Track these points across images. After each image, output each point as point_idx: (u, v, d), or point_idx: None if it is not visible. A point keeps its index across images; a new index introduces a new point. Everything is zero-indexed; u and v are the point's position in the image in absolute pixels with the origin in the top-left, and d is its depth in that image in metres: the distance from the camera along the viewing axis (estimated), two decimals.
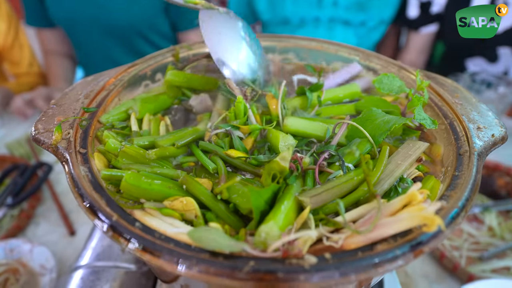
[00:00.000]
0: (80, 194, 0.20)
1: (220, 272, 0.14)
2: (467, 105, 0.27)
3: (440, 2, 0.87)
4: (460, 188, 0.19)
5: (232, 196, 0.20)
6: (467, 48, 0.89)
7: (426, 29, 0.91)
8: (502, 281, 0.34)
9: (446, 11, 0.88)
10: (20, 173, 0.55)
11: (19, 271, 0.42)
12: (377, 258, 0.15)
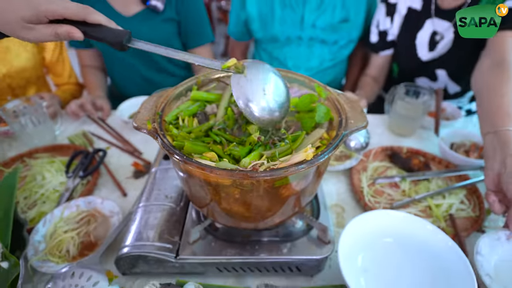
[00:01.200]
0: (167, 150, 0.42)
1: (226, 174, 0.38)
2: (352, 110, 0.50)
3: (394, 32, 1.10)
4: (328, 147, 0.42)
5: (232, 151, 0.43)
6: (413, 70, 1.13)
7: (383, 53, 1.15)
8: (389, 211, 0.57)
9: (398, 41, 1.11)
10: (84, 156, 0.78)
11: (95, 215, 0.66)
12: (287, 169, 0.38)
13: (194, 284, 0.50)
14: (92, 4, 0.47)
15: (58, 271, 0.51)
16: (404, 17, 1.06)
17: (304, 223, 0.57)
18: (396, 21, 1.08)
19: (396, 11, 1.07)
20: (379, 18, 1.10)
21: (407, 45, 1.08)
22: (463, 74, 1.01)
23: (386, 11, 1.08)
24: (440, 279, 0.49)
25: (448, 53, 1.01)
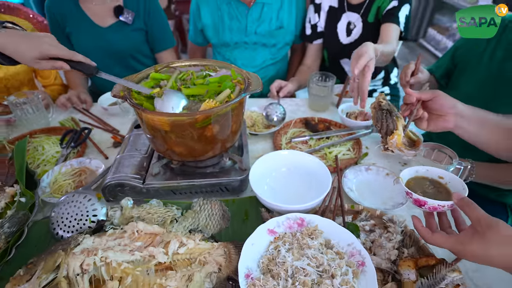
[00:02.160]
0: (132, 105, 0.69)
1: (166, 115, 0.65)
2: (255, 81, 0.78)
3: (321, 25, 1.43)
4: (231, 101, 0.70)
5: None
6: (337, 53, 1.45)
7: (316, 41, 1.47)
8: (283, 151, 0.85)
9: (324, 31, 1.44)
10: (74, 133, 1.03)
11: (85, 170, 0.90)
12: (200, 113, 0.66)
13: (156, 200, 0.76)
14: (76, 19, 0.74)
15: (62, 198, 0.75)
16: (326, 13, 1.40)
17: (232, 162, 0.84)
18: (322, 16, 1.41)
19: (321, 9, 1.40)
20: (310, 15, 1.43)
21: (331, 34, 1.41)
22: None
23: (314, 10, 1.41)
24: (314, 184, 0.77)
25: (360, 37, 1.35)
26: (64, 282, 0.57)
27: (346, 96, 1.22)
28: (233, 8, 1.39)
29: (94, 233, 0.68)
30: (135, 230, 0.68)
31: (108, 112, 1.17)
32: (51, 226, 0.71)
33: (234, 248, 0.66)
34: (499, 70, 0.88)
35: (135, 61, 1.41)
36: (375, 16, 1.31)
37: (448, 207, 0.57)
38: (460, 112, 0.67)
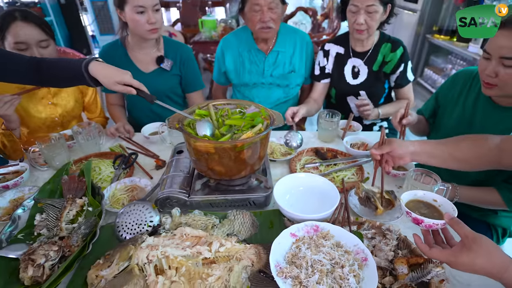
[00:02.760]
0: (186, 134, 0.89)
1: (211, 142, 0.85)
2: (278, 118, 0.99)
3: (329, 67, 1.67)
4: (261, 133, 0.91)
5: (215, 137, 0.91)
6: (345, 92, 1.69)
7: (323, 81, 1.71)
8: (301, 173, 1.04)
9: (332, 73, 1.67)
10: (123, 157, 1.23)
11: (136, 187, 1.10)
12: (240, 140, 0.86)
13: (198, 211, 0.95)
14: (124, 65, 0.99)
15: (124, 207, 0.94)
16: (334, 58, 1.64)
17: (257, 182, 1.04)
18: (330, 60, 1.66)
19: (330, 54, 1.65)
20: (319, 59, 1.68)
21: (339, 76, 1.64)
22: (376, 96, 1.59)
23: (323, 55, 1.66)
24: (325, 200, 0.96)
25: (365, 80, 1.58)
26: (136, 268, 0.75)
27: (350, 130, 1.43)
28: (253, 55, 1.66)
29: (151, 235, 0.86)
30: (184, 233, 0.86)
31: (149, 141, 1.39)
32: (116, 229, 0.89)
33: (263, 249, 0.84)
34: (472, 111, 1.10)
35: (169, 99, 1.66)
36: (380, 66, 1.56)
37: (441, 225, 0.72)
38: (412, 152, 0.91)
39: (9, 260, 0.81)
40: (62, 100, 1.50)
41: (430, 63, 4.14)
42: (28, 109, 1.42)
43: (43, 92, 1.44)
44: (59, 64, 1.01)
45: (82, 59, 0.98)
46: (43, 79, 1.02)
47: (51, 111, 1.48)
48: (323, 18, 4.54)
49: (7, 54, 1.00)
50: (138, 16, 1.36)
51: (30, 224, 0.93)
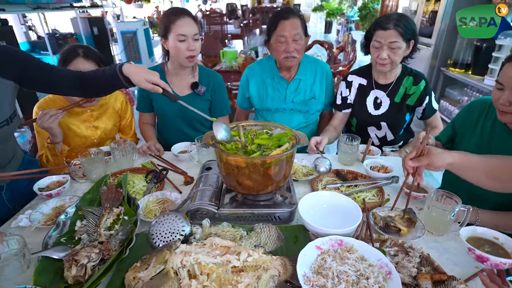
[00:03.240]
0: (219, 150, 0.97)
1: (243, 158, 0.92)
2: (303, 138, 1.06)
3: (351, 98, 1.75)
4: (288, 151, 0.98)
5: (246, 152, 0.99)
6: (366, 122, 1.75)
7: (344, 111, 1.78)
8: (324, 191, 1.09)
9: (354, 103, 1.75)
10: (155, 173, 1.32)
11: (167, 200, 1.17)
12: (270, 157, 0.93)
13: (226, 223, 1.00)
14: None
15: (158, 217, 1.00)
16: (356, 89, 1.72)
17: (282, 198, 1.09)
18: (352, 91, 1.74)
19: (352, 85, 1.73)
20: (342, 89, 1.76)
21: (361, 106, 1.71)
22: (396, 127, 1.64)
23: (346, 85, 1.75)
24: (348, 218, 0.99)
25: (387, 111, 1.64)
26: (171, 271, 0.80)
27: (369, 154, 1.48)
28: (276, 82, 1.77)
29: (183, 243, 0.92)
30: (213, 243, 0.91)
31: (178, 159, 1.48)
32: (150, 237, 0.95)
33: (289, 261, 0.87)
34: (489, 138, 1.14)
35: (198, 123, 1.77)
36: (402, 98, 1.63)
37: (509, 264, 0.70)
38: (450, 163, 0.92)
39: (54, 261, 0.88)
40: (102, 123, 1.64)
41: (446, 94, 4.19)
42: (72, 129, 1.56)
43: (86, 116, 1.59)
44: (97, 74, 1.14)
45: (115, 64, 1.12)
46: (85, 90, 1.16)
47: (92, 133, 1.62)
48: (338, 51, 4.73)
49: (57, 70, 1.13)
50: (179, 44, 1.52)
51: (72, 229, 1.01)
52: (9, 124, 1.11)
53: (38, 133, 1.49)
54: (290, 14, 1.59)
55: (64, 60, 1.42)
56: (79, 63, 1.41)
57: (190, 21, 1.52)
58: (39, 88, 1.13)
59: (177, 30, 1.50)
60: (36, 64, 1.10)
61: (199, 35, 1.57)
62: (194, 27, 1.54)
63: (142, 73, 1.09)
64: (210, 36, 6.42)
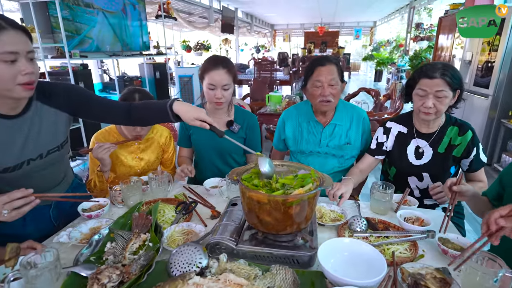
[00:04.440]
0: (243, 186, 1.01)
1: (265, 195, 0.94)
2: (327, 180, 1.05)
3: (387, 145, 1.71)
4: (310, 191, 0.97)
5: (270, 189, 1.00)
6: (406, 172, 1.67)
7: (377, 156, 1.73)
8: (346, 238, 1.03)
9: (392, 151, 1.69)
10: (185, 204, 1.38)
11: (191, 232, 1.21)
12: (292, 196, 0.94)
13: (243, 260, 1.00)
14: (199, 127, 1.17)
15: (179, 247, 1.04)
16: (395, 136, 1.67)
17: (303, 241, 1.06)
18: (390, 138, 1.68)
19: (390, 132, 1.69)
20: (378, 134, 1.72)
21: (401, 154, 1.64)
22: (440, 179, 1.54)
23: (383, 131, 1.70)
24: (371, 269, 0.93)
25: (430, 162, 1.56)
26: None
27: (404, 204, 1.39)
28: (312, 126, 1.80)
29: (198, 275, 0.93)
30: (227, 279, 0.91)
31: (209, 193, 1.54)
32: (169, 265, 0.98)
33: None
34: None
35: (231, 158, 1.85)
36: (446, 149, 1.55)
37: None
38: None
39: (81, 277, 0.94)
40: (147, 155, 1.80)
41: (508, 148, 3.82)
42: (120, 159, 1.73)
43: (134, 148, 1.77)
44: (146, 105, 1.27)
45: (166, 100, 1.22)
46: (132, 119, 1.29)
47: (136, 164, 1.77)
48: (385, 98, 4.66)
49: (106, 101, 1.29)
50: (210, 92, 1.68)
51: (102, 249, 1.08)
52: (60, 150, 1.27)
53: (91, 160, 1.68)
54: (326, 61, 1.66)
55: (125, 99, 1.63)
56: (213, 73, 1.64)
57: (222, 73, 1.64)
58: (90, 118, 1.30)
59: (209, 79, 1.66)
60: (90, 98, 1.27)
61: (231, 85, 1.70)
62: (226, 77, 1.64)
63: (191, 112, 1.19)
64: (259, 82, 6.80)
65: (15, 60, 0.98)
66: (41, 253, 0.93)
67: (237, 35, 13.67)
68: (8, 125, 1.11)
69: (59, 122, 1.24)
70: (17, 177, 1.17)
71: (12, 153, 1.13)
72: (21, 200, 0.98)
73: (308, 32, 18.82)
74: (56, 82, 1.26)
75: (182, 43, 11.03)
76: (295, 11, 14.49)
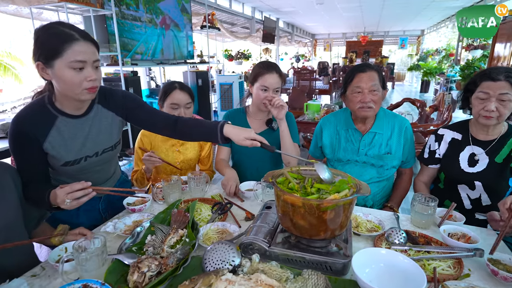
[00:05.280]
0: (279, 189, 1.02)
1: (299, 198, 0.94)
2: (364, 188, 1.03)
3: (440, 153, 1.62)
4: (346, 197, 0.96)
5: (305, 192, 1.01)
6: (457, 179, 1.57)
7: (431, 166, 1.65)
8: (383, 248, 0.99)
9: (444, 158, 1.60)
10: (221, 205, 1.42)
11: (225, 231, 1.24)
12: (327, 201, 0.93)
13: (275, 262, 1.00)
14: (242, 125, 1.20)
15: (213, 244, 1.07)
16: (448, 143, 1.59)
17: (337, 248, 1.04)
18: (443, 145, 1.61)
19: (443, 139, 1.61)
20: (430, 143, 1.65)
21: (452, 161, 1.56)
22: (496, 190, 1.43)
23: (435, 139, 1.64)
24: (408, 284, 0.88)
25: (484, 170, 1.46)
26: None
27: (449, 219, 1.30)
28: (350, 134, 1.76)
29: (230, 272, 0.95)
30: (259, 279, 0.92)
31: (244, 195, 1.57)
32: (203, 261, 1.02)
33: None
34: None
35: (271, 161, 1.90)
36: (505, 159, 1.44)
37: None
38: None
39: (123, 265, 1.01)
40: (186, 150, 1.91)
41: None
42: (161, 153, 1.84)
43: (175, 141, 1.89)
44: (195, 123, 1.33)
45: (217, 122, 1.28)
46: (177, 133, 1.36)
47: (176, 157, 1.88)
48: (432, 109, 4.41)
49: (157, 112, 1.38)
50: (261, 93, 1.78)
51: (142, 241, 1.15)
52: (113, 150, 1.39)
53: (136, 154, 1.86)
54: (367, 67, 1.63)
55: (165, 92, 1.76)
56: (176, 93, 1.75)
57: (275, 76, 1.75)
58: (141, 126, 1.41)
59: (262, 82, 1.76)
60: (140, 105, 1.37)
61: (280, 89, 1.81)
62: (278, 81, 1.76)
63: (241, 134, 1.22)
64: (298, 90, 6.79)
65: (82, 68, 1.10)
66: (90, 239, 1.01)
67: (278, 45, 13.82)
68: (72, 124, 1.24)
69: (114, 125, 1.36)
70: (75, 171, 1.30)
71: (73, 149, 1.26)
72: (81, 191, 1.08)
73: (350, 42, 18.46)
74: (115, 88, 1.38)
75: (224, 52, 11.40)
76: (337, 20, 14.33)
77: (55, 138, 1.21)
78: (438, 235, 1.21)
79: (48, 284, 0.99)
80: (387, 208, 1.63)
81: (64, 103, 1.21)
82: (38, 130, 1.18)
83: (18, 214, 1.16)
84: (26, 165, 1.21)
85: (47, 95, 1.22)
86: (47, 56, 1.08)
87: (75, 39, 1.08)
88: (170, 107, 1.77)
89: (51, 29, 1.10)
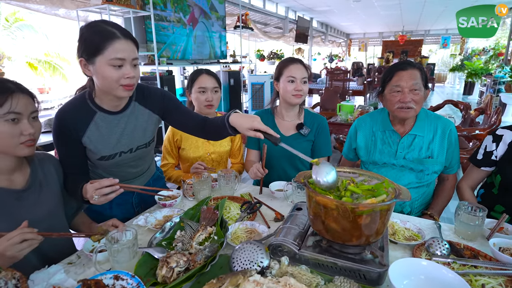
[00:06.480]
0: (311, 190, 0.98)
1: (333, 200, 0.89)
2: (404, 192, 0.96)
3: (497, 154, 1.48)
4: (384, 202, 0.89)
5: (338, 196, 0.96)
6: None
7: (484, 168, 1.52)
8: (423, 259, 0.91)
9: (502, 160, 1.47)
10: (250, 204, 1.40)
11: (254, 230, 1.22)
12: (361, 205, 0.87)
13: (305, 266, 0.96)
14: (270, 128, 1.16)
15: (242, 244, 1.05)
16: (508, 144, 1.45)
17: (372, 256, 0.98)
18: (501, 147, 1.47)
19: (502, 140, 1.48)
20: (487, 143, 1.52)
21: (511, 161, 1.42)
22: None
23: (493, 139, 1.51)
24: None
25: None
26: None
27: (499, 231, 1.18)
28: (387, 136, 1.67)
29: (258, 273, 0.93)
30: (287, 283, 0.88)
31: (274, 195, 1.54)
32: (231, 260, 1.00)
33: None
34: None
35: (300, 163, 1.83)
36: None
37: None
38: None
39: (152, 258, 1.02)
40: (219, 144, 1.93)
41: None
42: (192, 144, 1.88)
43: None
44: (214, 120, 1.32)
45: (226, 113, 1.24)
46: (205, 133, 1.37)
47: (207, 149, 1.90)
48: (477, 113, 4.10)
49: (189, 112, 1.39)
50: (289, 85, 1.76)
51: (172, 236, 1.16)
52: (147, 147, 1.42)
53: (164, 148, 1.92)
54: (408, 65, 1.53)
55: (192, 79, 1.80)
56: (203, 77, 1.79)
57: (301, 67, 1.75)
58: (174, 125, 1.43)
59: (289, 73, 1.74)
60: (177, 106, 1.39)
61: (307, 81, 1.78)
62: (304, 71, 1.75)
63: (244, 124, 1.14)
64: (330, 91, 6.63)
65: (121, 65, 1.13)
66: (122, 231, 1.03)
67: (311, 45, 13.62)
68: (110, 119, 1.28)
69: (150, 122, 1.39)
70: (111, 165, 1.34)
71: (109, 144, 1.30)
72: (109, 188, 1.10)
73: (386, 41, 17.75)
74: (154, 87, 1.41)
75: (257, 52, 11.44)
76: (374, 19, 13.84)
77: (93, 133, 1.26)
78: (486, 248, 1.10)
79: (82, 272, 1.02)
80: (427, 216, 1.52)
81: (103, 100, 1.26)
82: (78, 125, 1.23)
83: (60, 203, 1.22)
84: (66, 157, 1.27)
85: (88, 91, 1.27)
86: (89, 52, 1.12)
87: (116, 37, 1.12)
88: (198, 91, 1.77)
89: (94, 27, 1.14)
